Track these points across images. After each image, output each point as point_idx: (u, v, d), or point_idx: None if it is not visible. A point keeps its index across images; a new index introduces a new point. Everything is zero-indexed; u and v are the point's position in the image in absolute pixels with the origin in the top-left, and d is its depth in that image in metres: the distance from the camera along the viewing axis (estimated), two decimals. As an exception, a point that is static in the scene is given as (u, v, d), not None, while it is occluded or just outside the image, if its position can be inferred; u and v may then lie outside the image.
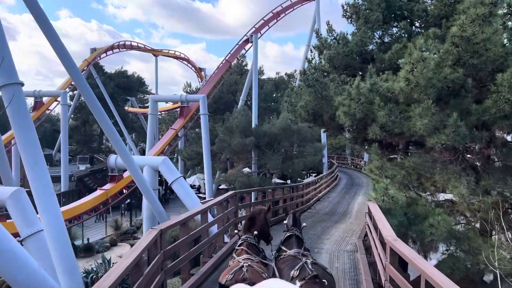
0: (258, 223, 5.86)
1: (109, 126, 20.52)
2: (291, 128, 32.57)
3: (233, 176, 33.15)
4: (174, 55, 59.48)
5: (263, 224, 5.91)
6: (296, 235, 5.60)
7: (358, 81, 11.53)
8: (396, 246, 6.03)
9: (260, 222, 5.89)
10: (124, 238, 29.93)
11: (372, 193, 9.92)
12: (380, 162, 11.61)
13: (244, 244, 5.39)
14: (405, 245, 6.08)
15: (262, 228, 5.89)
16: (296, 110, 16.39)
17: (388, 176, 11.49)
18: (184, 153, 41.17)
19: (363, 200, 26.15)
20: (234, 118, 33.93)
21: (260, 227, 5.84)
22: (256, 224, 5.84)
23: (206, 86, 37.09)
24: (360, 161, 53.28)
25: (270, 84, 46.11)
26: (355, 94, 11.68)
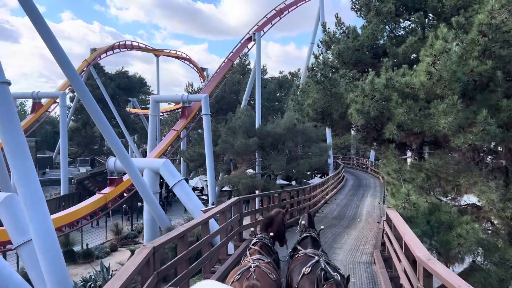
0: (275, 225, 5.93)
1: (107, 128, 19.67)
2: (296, 128, 31.59)
3: (236, 177, 32.22)
4: (176, 55, 58.65)
5: (280, 226, 5.98)
6: (311, 236, 5.62)
7: (372, 76, 10.55)
8: (431, 267, 5.07)
9: (278, 224, 5.95)
10: (125, 243, 29.02)
11: (391, 200, 8.94)
12: (397, 164, 10.61)
13: (258, 244, 5.41)
14: (442, 266, 5.12)
15: (279, 229, 5.95)
16: (303, 109, 15.43)
17: (406, 179, 10.50)
18: (187, 154, 40.26)
19: (371, 202, 25.18)
20: (237, 118, 32.99)
21: (277, 229, 5.92)
22: (273, 225, 5.92)
23: (208, 86, 36.17)
24: (366, 161, 52.31)
25: (273, 83, 45.14)
26: (369, 91, 10.71)
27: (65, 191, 35.31)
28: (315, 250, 5.30)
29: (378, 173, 40.55)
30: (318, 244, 5.65)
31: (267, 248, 5.47)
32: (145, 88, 62.66)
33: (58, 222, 22.06)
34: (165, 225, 22.86)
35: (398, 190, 10.12)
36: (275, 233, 5.88)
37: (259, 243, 5.45)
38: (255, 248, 5.33)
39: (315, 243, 5.57)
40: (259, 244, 5.42)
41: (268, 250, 5.43)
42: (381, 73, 10.83)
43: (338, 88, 13.35)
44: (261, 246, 5.39)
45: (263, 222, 6.22)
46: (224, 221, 9.17)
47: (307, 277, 4.61)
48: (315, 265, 4.68)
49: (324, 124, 16.50)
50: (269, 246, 5.52)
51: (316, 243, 5.59)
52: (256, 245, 5.42)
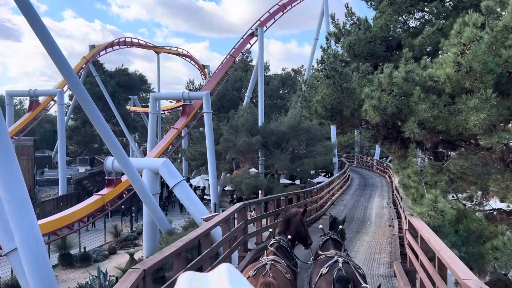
0: (293, 226, 5.74)
1: (104, 126, 18.74)
2: (301, 126, 30.60)
3: (239, 177, 31.27)
4: (177, 52, 57.64)
5: (298, 227, 5.80)
6: (331, 238, 5.53)
7: (390, 69, 9.53)
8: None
9: (295, 225, 5.77)
10: (124, 245, 28.10)
11: (415, 207, 7.94)
12: (418, 165, 9.59)
13: (275, 245, 5.31)
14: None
15: (298, 231, 5.78)
16: (310, 105, 14.41)
17: (428, 182, 9.49)
18: (188, 153, 39.35)
19: (380, 203, 24.23)
20: (239, 116, 32.01)
21: (295, 230, 5.74)
22: (290, 226, 5.73)
23: (210, 83, 35.15)
24: (370, 160, 51.33)
25: (276, 80, 44.06)
26: (387, 85, 9.69)
27: (63, 191, 34.38)
28: (337, 251, 5.23)
29: (385, 172, 39.58)
30: (340, 244, 5.53)
31: (285, 250, 5.35)
32: (146, 86, 61.65)
33: (52, 226, 21.14)
34: (165, 228, 21.92)
35: (421, 196, 9.12)
36: (294, 235, 5.72)
37: (276, 244, 5.35)
38: (271, 250, 5.27)
39: (336, 245, 5.45)
40: (275, 246, 5.33)
41: (284, 253, 5.32)
42: (399, 66, 9.82)
43: (350, 83, 12.34)
44: (277, 248, 5.29)
45: (280, 224, 6.05)
46: (227, 231, 8.20)
47: (324, 277, 4.57)
48: (333, 265, 4.62)
49: (333, 122, 15.50)
50: (286, 249, 5.39)
51: (337, 244, 5.48)
52: (272, 246, 5.35)
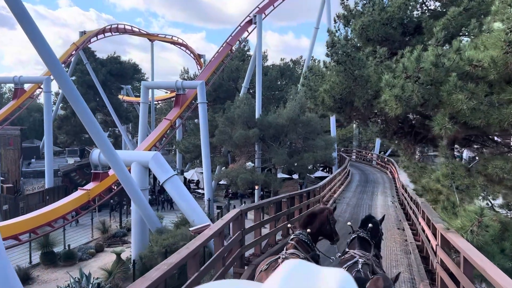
0: (317, 222, 5.74)
1: (87, 115, 17.18)
2: (300, 118, 29.06)
3: (234, 171, 29.77)
4: (171, 40, 55.67)
5: (324, 223, 5.79)
6: (359, 236, 5.37)
7: (419, 51, 7.98)
8: None
9: (321, 221, 5.77)
10: (113, 242, 26.58)
11: (453, 220, 6.44)
12: (450, 167, 8.08)
13: (295, 239, 5.32)
14: None
15: (322, 227, 5.78)
16: (316, 96, 12.84)
17: (460, 186, 7.99)
18: (181, 145, 37.78)
19: (384, 201, 22.86)
20: (235, 107, 30.40)
21: (319, 226, 5.74)
22: (314, 222, 5.72)
23: (205, 72, 33.43)
24: (369, 154, 50.00)
25: (275, 70, 42.33)
26: (413, 70, 8.14)
27: (50, 184, 32.67)
28: (363, 250, 5.05)
29: (385, 167, 38.23)
30: (368, 243, 5.32)
31: (305, 244, 5.29)
32: (139, 75, 59.62)
33: (29, 224, 19.52)
34: (155, 226, 20.40)
35: (453, 204, 7.62)
36: (316, 231, 5.69)
37: (296, 239, 5.33)
38: (291, 243, 5.26)
39: (363, 244, 5.26)
40: (295, 239, 5.31)
41: (305, 247, 5.25)
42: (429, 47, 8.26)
43: (364, 70, 10.77)
44: (297, 242, 5.27)
45: (303, 218, 6.05)
46: (221, 246, 6.65)
47: None
48: (352, 266, 4.52)
49: (341, 115, 13.93)
50: (306, 243, 5.32)
51: (365, 243, 5.28)
52: (293, 241, 5.33)
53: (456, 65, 7.98)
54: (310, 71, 13.63)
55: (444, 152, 8.22)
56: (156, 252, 18.89)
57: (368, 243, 5.34)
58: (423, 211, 9.79)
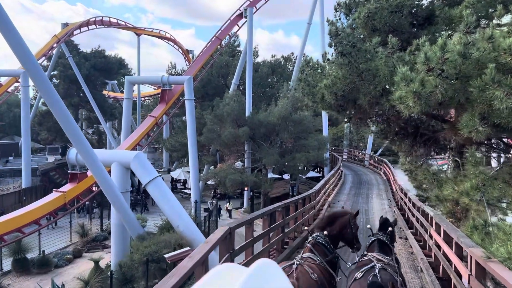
0: (337, 225, 5.51)
1: (60, 109, 15.54)
2: (292, 117, 27.75)
3: (223, 172, 28.34)
4: (159, 34, 53.87)
5: (345, 228, 5.52)
6: (379, 239, 5.15)
7: (444, 39, 6.68)
8: None
9: (341, 224, 5.52)
10: (92, 247, 25.00)
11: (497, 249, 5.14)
12: (481, 177, 6.78)
13: (311, 241, 5.19)
14: None
15: (343, 231, 5.52)
16: (315, 92, 11.51)
17: (491, 200, 6.71)
18: (168, 143, 36.20)
19: (380, 205, 21.70)
20: (225, 104, 28.96)
21: (339, 230, 5.49)
22: (333, 225, 5.49)
23: (193, 67, 31.87)
24: (359, 153, 49.03)
25: (265, 67, 40.94)
26: (436, 62, 6.85)
27: (28, 183, 30.85)
28: (383, 254, 4.84)
29: (379, 167, 37.20)
30: (388, 247, 5.12)
31: (322, 247, 5.12)
32: (125, 70, 57.67)
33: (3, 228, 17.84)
34: (136, 232, 18.90)
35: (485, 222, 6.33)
36: (336, 234, 5.46)
37: (312, 241, 5.19)
38: (308, 246, 5.16)
39: (383, 247, 5.05)
40: (312, 242, 5.18)
41: (322, 249, 5.10)
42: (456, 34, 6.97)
43: (371, 63, 9.45)
44: (314, 244, 5.13)
45: (321, 220, 5.96)
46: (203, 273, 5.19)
47: (359, 282, 4.36)
48: (369, 271, 4.39)
49: (342, 114, 12.63)
50: (324, 245, 5.14)
51: (384, 247, 5.07)
52: (309, 243, 5.20)
53: (487, 56, 6.69)
54: (308, 65, 12.28)
55: (474, 159, 6.91)
56: (137, 261, 17.41)
57: (388, 247, 5.18)
58: (439, 225, 8.51)
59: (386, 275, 4.39)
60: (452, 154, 12.64)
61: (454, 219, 9.11)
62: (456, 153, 12.57)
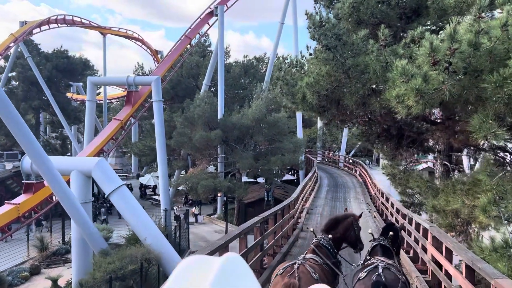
0: (341, 228, 5.57)
1: (9, 112, 13.71)
2: (266, 119, 26.64)
3: (194, 177, 26.91)
4: (126, 34, 51.63)
5: (348, 230, 5.59)
6: (381, 244, 5.20)
7: (453, 26, 5.64)
8: None
9: (345, 227, 5.58)
10: (52, 262, 23.00)
11: None
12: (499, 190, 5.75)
13: (315, 243, 5.26)
14: None
15: (346, 234, 5.58)
16: (295, 92, 10.36)
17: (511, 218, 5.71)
18: (135, 148, 34.35)
19: (359, 209, 20.67)
20: (195, 106, 27.54)
21: (343, 232, 5.56)
22: (337, 228, 5.57)
23: (161, 67, 30.23)
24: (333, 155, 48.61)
25: (238, 67, 39.67)
26: (443, 54, 5.81)
27: (-19, 193, 28.39)
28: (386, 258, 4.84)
29: (354, 169, 36.63)
30: (390, 251, 5.14)
31: (325, 249, 5.16)
32: (91, 72, 54.97)
33: None
34: (99, 247, 17.21)
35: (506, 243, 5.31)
36: (340, 236, 5.50)
37: (316, 242, 5.25)
38: (311, 247, 5.22)
39: (386, 251, 5.08)
40: (315, 243, 5.24)
41: (325, 251, 5.14)
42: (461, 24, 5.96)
43: (358, 58, 8.39)
44: (317, 246, 5.17)
45: (326, 223, 5.82)
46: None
47: (363, 281, 4.43)
48: (373, 271, 4.43)
49: (323, 116, 11.56)
50: (327, 248, 5.18)
51: (387, 251, 5.10)
52: (313, 244, 5.27)
53: (500, 47, 5.69)
54: (285, 62, 11.12)
55: (489, 169, 5.88)
56: (99, 279, 15.78)
57: (390, 251, 5.19)
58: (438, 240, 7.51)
59: (390, 274, 4.39)
60: (440, 157, 11.80)
61: (454, 233, 8.15)
62: (445, 156, 11.74)
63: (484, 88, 5.67)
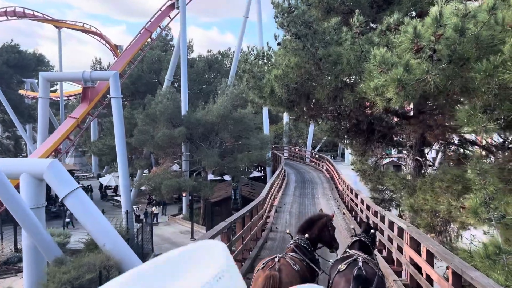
0: (315, 228, 5.69)
1: None
2: (232, 115, 25.84)
3: (158, 177, 25.75)
4: (83, 28, 49.08)
5: (323, 230, 5.71)
6: (361, 240, 5.40)
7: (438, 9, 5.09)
8: None
9: (319, 227, 5.69)
10: (3, 272, 21.37)
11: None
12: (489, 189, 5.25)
13: (293, 244, 5.37)
14: None
15: (321, 234, 5.70)
16: (262, 85, 9.65)
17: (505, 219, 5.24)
18: (94, 147, 32.64)
19: (327, 205, 20.58)
20: (157, 102, 26.33)
21: (318, 233, 5.67)
22: (312, 228, 5.70)
23: (120, 61, 28.70)
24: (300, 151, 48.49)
25: (202, 62, 38.54)
26: (428, 40, 5.29)
27: None
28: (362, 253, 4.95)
29: (320, 165, 36.52)
30: (369, 249, 5.33)
31: (303, 249, 5.28)
32: (46, 68, 52.00)
33: None
34: (53, 256, 15.90)
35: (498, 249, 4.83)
36: (315, 237, 5.61)
37: (294, 243, 5.37)
38: (290, 247, 5.32)
39: (364, 247, 5.25)
40: (294, 244, 5.34)
41: (303, 250, 5.25)
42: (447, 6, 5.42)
43: (330, 48, 7.77)
44: (296, 246, 5.28)
45: (301, 224, 5.93)
46: None
47: (343, 273, 4.49)
48: (352, 263, 4.51)
49: (292, 111, 10.91)
50: (305, 247, 5.31)
51: (366, 248, 5.27)
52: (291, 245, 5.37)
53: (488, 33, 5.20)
54: (251, 53, 10.38)
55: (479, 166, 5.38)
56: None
57: (369, 248, 5.34)
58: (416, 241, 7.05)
59: (369, 268, 4.46)
60: (412, 152, 11.46)
61: (434, 233, 7.73)
62: (417, 151, 11.41)
63: (471, 77, 5.16)
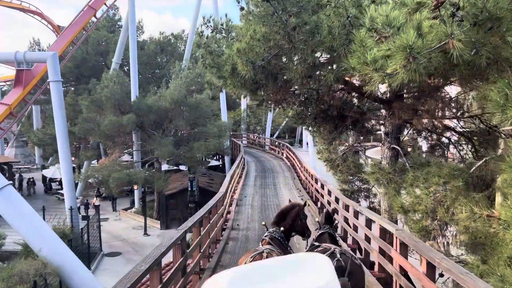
0: (288, 219, 5.73)
1: None
2: (187, 101, 23.93)
3: (106, 168, 23.49)
4: (21, 6, 44.43)
5: (295, 219, 5.77)
6: (328, 233, 5.43)
7: None
8: None
9: (292, 217, 5.74)
10: None
11: None
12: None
13: (268, 236, 5.39)
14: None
15: (295, 223, 5.76)
16: (222, 63, 8.01)
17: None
18: (34, 137, 29.60)
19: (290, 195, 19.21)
20: (103, 87, 23.90)
21: (291, 223, 5.73)
22: (286, 219, 5.72)
23: (59, 42, 25.74)
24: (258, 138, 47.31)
25: (153, 44, 35.98)
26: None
27: None
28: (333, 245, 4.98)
29: (280, 152, 35.53)
30: (336, 240, 5.46)
31: (277, 241, 5.29)
32: (-22, 49, 47.16)
33: None
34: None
35: None
36: (289, 227, 5.63)
37: (269, 236, 5.34)
38: (265, 240, 5.28)
39: (333, 240, 5.32)
40: (269, 237, 5.32)
41: (278, 243, 5.26)
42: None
43: (305, 14, 6.29)
44: (271, 239, 5.28)
45: (275, 217, 5.90)
46: None
47: None
48: (331, 256, 4.43)
49: (256, 95, 9.37)
50: (279, 240, 5.32)
51: (334, 240, 5.36)
52: (266, 237, 5.33)
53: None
54: (208, 26, 8.67)
55: None
56: None
57: (335, 240, 5.44)
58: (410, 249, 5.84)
59: (348, 259, 4.50)
60: (388, 140, 10.35)
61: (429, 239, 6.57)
62: (393, 139, 10.31)
63: (504, 44, 3.85)
